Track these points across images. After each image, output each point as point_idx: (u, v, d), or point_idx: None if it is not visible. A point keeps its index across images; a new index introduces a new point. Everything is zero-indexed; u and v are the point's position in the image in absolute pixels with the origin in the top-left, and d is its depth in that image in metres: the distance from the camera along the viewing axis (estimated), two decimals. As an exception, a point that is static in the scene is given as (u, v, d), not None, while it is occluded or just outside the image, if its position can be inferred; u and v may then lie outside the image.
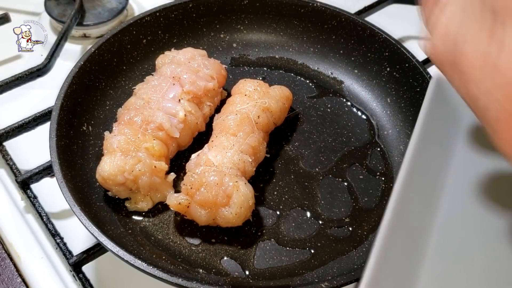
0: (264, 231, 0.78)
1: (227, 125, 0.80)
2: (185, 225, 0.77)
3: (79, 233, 0.79)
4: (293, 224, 0.79)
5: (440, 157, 0.65)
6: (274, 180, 0.84)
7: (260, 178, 0.83)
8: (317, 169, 0.85)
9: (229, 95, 0.88)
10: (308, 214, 0.80)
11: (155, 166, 0.76)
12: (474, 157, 0.66)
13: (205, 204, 0.73)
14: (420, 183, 0.61)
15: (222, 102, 0.88)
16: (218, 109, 0.87)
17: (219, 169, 0.74)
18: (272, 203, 0.81)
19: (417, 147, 0.60)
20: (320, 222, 0.79)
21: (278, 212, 0.80)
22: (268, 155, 0.77)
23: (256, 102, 0.83)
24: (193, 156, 0.79)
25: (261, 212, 0.80)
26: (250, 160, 0.78)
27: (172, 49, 0.91)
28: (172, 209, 0.75)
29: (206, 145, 0.80)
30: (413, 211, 0.60)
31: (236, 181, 0.73)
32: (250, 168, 0.78)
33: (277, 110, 0.85)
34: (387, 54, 0.93)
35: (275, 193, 0.82)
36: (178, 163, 0.83)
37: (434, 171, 0.64)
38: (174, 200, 0.74)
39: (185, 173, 0.77)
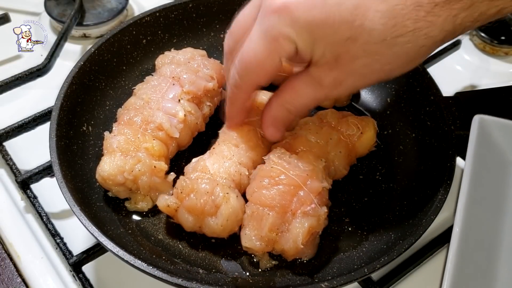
0: (264, 231, 0.77)
1: (231, 135, 0.79)
2: (185, 225, 0.77)
3: (79, 233, 0.79)
4: (293, 224, 0.78)
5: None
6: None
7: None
8: (317, 169, 0.85)
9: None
10: (308, 214, 0.80)
11: (155, 166, 0.76)
12: None
13: (192, 210, 0.72)
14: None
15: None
16: (218, 109, 0.87)
17: (213, 178, 0.73)
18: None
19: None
20: (320, 222, 0.79)
21: (278, 212, 0.80)
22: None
23: None
24: (194, 160, 0.79)
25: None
26: (247, 173, 0.76)
27: (172, 49, 0.91)
28: (161, 210, 0.74)
29: (208, 152, 0.79)
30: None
31: (227, 193, 0.71)
32: (247, 181, 0.76)
33: None
34: (387, 54, 0.92)
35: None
36: (178, 163, 0.83)
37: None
38: (163, 202, 0.73)
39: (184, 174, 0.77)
